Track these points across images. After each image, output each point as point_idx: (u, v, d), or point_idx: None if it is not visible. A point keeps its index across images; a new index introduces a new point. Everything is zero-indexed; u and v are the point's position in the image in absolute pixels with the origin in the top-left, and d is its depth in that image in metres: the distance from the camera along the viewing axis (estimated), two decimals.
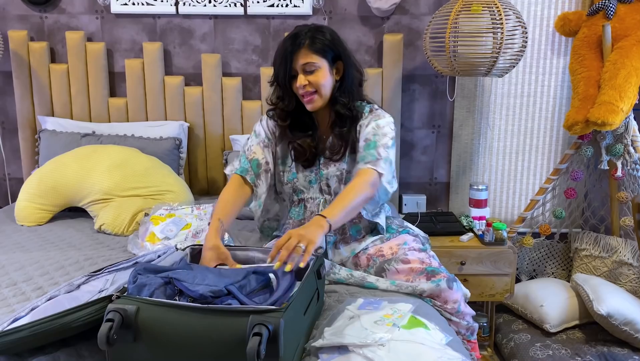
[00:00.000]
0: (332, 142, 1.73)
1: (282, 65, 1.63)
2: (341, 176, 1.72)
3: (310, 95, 1.64)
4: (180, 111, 2.67)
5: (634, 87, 2.24)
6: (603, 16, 2.38)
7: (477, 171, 2.79)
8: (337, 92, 1.68)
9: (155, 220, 1.92)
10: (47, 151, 2.48)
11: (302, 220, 1.77)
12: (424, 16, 2.64)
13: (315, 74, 1.62)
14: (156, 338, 1.06)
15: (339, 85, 1.68)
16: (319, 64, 1.61)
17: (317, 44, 1.61)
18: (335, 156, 1.71)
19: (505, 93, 2.71)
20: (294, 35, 1.62)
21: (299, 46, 1.60)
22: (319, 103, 1.66)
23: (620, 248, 2.50)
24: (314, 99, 1.64)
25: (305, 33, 1.62)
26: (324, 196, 1.75)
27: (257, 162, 1.73)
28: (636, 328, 2.18)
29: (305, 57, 1.60)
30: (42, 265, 1.76)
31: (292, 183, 1.76)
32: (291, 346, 1.10)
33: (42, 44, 2.63)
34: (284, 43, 1.63)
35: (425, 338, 1.22)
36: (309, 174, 1.75)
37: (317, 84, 1.62)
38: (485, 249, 2.27)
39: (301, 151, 1.72)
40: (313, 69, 1.61)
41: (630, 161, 2.47)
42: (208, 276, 1.18)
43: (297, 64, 1.61)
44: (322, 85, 1.63)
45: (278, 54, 1.65)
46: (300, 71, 1.62)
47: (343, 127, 1.70)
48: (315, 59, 1.61)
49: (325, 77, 1.63)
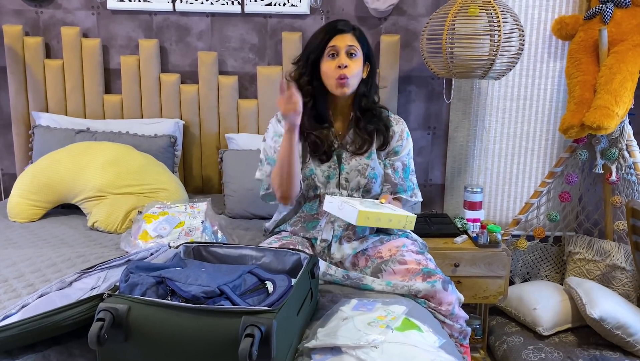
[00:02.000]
0: (353, 137, 1.77)
1: (322, 41, 1.68)
2: (363, 171, 1.76)
3: (346, 78, 1.67)
4: (175, 109, 2.66)
5: (629, 91, 2.25)
6: (600, 20, 2.39)
7: (472, 173, 2.79)
8: (365, 89, 1.75)
9: (149, 218, 1.91)
10: (41, 147, 2.46)
11: (314, 214, 1.79)
12: (421, 17, 2.64)
13: (355, 61, 1.69)
14: (148, 338, 1.05)
15: (365, 83, 1.76)
16: (359, 53, 1.70)
17: (359, 34, 1.73)
18: (360, 150, 1.76)
19: (502, 96, 2.71)
20: (337, 21, 1.72)
21: (344, 30, 1.69)
22: (350, 89, 1.70)
23: (614, 252, 2.51)
24: (348, 83, 1.68)
25: (347, 22, 1.72)
26: (340, 191, 1.77)
27: None
28: (628, 331, 2.19)
29: (352, 40, 1.70)
30: (34, 262, 1.74)
31: (311, 179, 1.76)
32: (284, 347, 1.10)
33: (38, 39, 2.61)
34: (328, 25, 1.72)
35: (418, 341, 1.22)
36: (327, 170, 1.76)
37: (353, 72, 1.68)
38: (479, 252, 2.27)
39: (319, 144, 1.74)
40: (356, 53, 1.69)
41: (625, 166, 2.48)
42: (201, 275, 1.17)
43: (343, 44, 1.68)
44: (356, 75, 1.70)
45: (318, 34, 1.71)
46: (344, 51, 1.67)
47: (369, 124, 1.76)
48: (358, 47, 1.70)
49: (360, 67, 1.72)
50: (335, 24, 1.70)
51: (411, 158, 1.84)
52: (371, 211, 1.49)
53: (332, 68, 1.67)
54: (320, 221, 1.78)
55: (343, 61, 1.66)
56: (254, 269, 1.28)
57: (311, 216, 1.80)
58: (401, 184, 1.81)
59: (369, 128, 1.76)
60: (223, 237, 1.96)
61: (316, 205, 1.79)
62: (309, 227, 1.79)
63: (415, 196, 1.84)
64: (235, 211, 2.37)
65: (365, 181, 1.75)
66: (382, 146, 1.79)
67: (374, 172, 1.76)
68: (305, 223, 1.81)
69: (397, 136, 1.80)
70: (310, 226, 1.79)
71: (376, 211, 1.51)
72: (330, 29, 1.69)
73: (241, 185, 2.35)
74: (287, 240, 1.75)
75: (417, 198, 1.85)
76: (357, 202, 1.56)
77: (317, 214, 1.79)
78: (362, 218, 1.47)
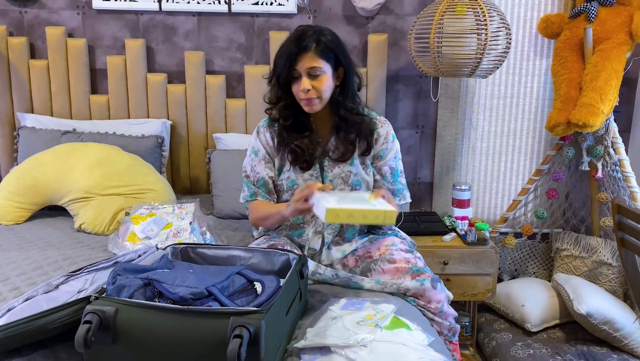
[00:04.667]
0: (336, 145, 1.73)
1: (285, 66, 1.61)
2: (346, 178, 1.73)
3: (312, 100, 1.63)
4: (162, 109, 2.64)
5: (614, 89, 2.27)
6: (584, 19, 2.41)
7: (461, 172, 2.80)
8: (340, 97, 1.68)
9: (136, 219, 1.89)
10: (26, 148, 2.44)
11: (300, 223, 1.78)
12: (408, 16, 2.65)
13: (319, 80, 1.61)
14: (135, 340, 1.04)
15: (340, 90, 1.69)
16: (323, 69, 1.61)
17: (322, 47, 1.60)
18: (342, 157, 1.72)
19: (489, 94, 2.73)
20: (299, 36, 1.60)
21: (305, 49, 1.59)
22: (318, 107, 1.66)
23: (600, 248, 2.53)
24: (314, 102, 1.64)
25: (310, 35, 1.60)
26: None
27: (264, 180, 1.75)
28: (615, 327, 2.21)
29: (312, 61, 1.59)
30: (20, 265, 1.72)
31: (293, 190, 1.73)
32: (273, 347, 1.10)
33: (22, 40, 2.58)
34: (289, 43, 1.61)
35: (407, 339, 1.22)
36: (309, 178, 1.73)
37: (320, 90, 1.62)
38: (467, 249, 2.28)
39: (299, 153, 1.70)
40: (318, 73, 1.60)
41: (610, 163, 2.51)
42: (189, 277, 1.17)
43: (302, 67, 1.59)
44: (324, 91, 1.63)
45: (282, 53, 1.63)
46: (305, 74, 1.60)
47: (349, 132, 1.71)
48: (321, 64, 1.60)
49: (328, 83, 1.63)
50: (296, 40, 1.59)
51: (399, 160, 1.80)
52: (342, 208, 1.35)
53: (296, 90, 1.64)
54: (305, 229, 1.77)
55: (304, 86, 1.60)
56: (242, 270, 1.28)
57: (297, 225, 1.78)
58: (391, 189, 1.78)
59: (350, 136, 1.71)
60: (212, 238, 1.95)
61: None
62: (295, 235, 1.79)
63: (404, 198, 1.82)
64: (224, 212, 2.36)
65: (348, 188, 1.72)
66: (366, 151, 1.74)
67: (357, 179, 1.73)
68: (290, 231, 1.80)
69: (382, 139, 1.75)
70: (296, 234, 1.79)
71: (348, 207, 1.36)
72: (292, 50, 1.59)
73: (229, 185, 2.34)
74: (276, 240, 1.74)
75: (406, 199, 1.83)
76: (334, 198, 1.42)
77: (302, 223, 1.77)
78: (331, 215, 1.34)
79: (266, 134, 1.76)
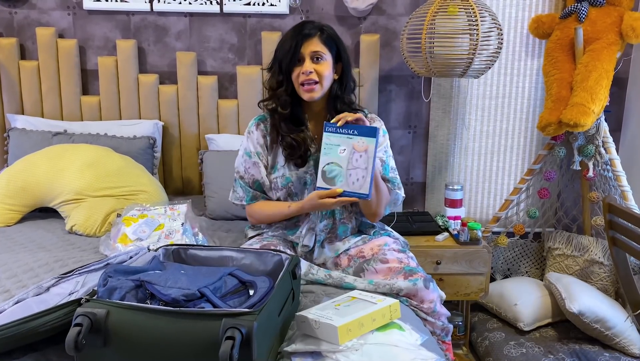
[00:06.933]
0: None
1: (290, 50, 1.65)
2: None
3: (312, 84, 1.66)
4: (154, 110, 2.63)
5: (604, 89, 2.29)
6: (575, 19, 2.42)
7: (453, 171, 2.81)
8: (339, 91, 1.73)
9: (128, 221, 1.88)
10: (16, 150, 2.42)
11: (295, 222, 1.78)
12: (400, 17, 2.65)
13: (322, 64, 1.67)
14: (127, 342, 1.04)
15: (339, 85, 1.73)
16: (326, 56, 1.67)
17: (326, 36, 1.68)
18: None
19: (481, 94, 2.74)
20: (303, 25, 1.68)
21: (310, 35, 1.66)
22: (318, 94, 1.68)
23: (592, 247, 2.55)
24: (315, 88, 1.67)
25: (315, 25, 1.69)
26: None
27: (259, 183, 1.77)
28: (607, 325, 2.23)
29: (316, 45, 1.66)
30: (10, 268, 1.71)
31: (287, 188, 1.74)
32: (265, 349, 1.09)
33: (12, 40, 2.56)
34: (294, 30, 1.68)
35: (399, 340, 1.22)
36: (303, 175, 1.74)
37: (321, 74, 1.66)
38: (460, 249, 2.29)
39: (295, 146, 1.71)
40: (320, 57, 1.66)
41: (601, 162, 2.52)
42: (181, 278, 1.16)
43: (307, 50, 1.66)
44: (325, 76, 1.67)
45: (287, 38, 1.68)
46: (308, 57, 1.66)
47: None
48: (324, 50, 1.67)
49: (329, 69, 1.69)
50: (301, 28, 1.67)
51: (390, 156, 1.81)
52: (351, 321, 1.22)
53: (297, 76, 1.67)
54: (300, 227, 1.77)
55: (306, 68, 1.64)
56: (234, 271, 1.27)
57: (292, 224, 1.79)
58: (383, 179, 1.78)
59: None
60: (204, 239, 1.94)
61: None
62: (290, 233, 1.79)
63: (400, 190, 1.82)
64: (216, 213, 2.36)
65: None
66: None
67: None
68: (286, 229, 1.80)
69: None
70: (290, 232, 1.79)
71: (356, 318, 1.23)
72: (297, 35, 1.66)
73: (222, 186, 2.33)
74: (269, 241, 1.74)
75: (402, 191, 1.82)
76: (330, 311, 1.27)
77: (297, 221, 1.78)
78: (343, 333, 1.19)
79: (256, 132, 1.77)
